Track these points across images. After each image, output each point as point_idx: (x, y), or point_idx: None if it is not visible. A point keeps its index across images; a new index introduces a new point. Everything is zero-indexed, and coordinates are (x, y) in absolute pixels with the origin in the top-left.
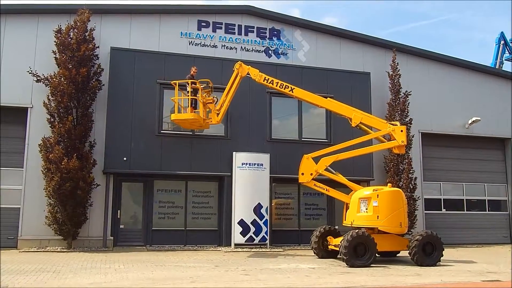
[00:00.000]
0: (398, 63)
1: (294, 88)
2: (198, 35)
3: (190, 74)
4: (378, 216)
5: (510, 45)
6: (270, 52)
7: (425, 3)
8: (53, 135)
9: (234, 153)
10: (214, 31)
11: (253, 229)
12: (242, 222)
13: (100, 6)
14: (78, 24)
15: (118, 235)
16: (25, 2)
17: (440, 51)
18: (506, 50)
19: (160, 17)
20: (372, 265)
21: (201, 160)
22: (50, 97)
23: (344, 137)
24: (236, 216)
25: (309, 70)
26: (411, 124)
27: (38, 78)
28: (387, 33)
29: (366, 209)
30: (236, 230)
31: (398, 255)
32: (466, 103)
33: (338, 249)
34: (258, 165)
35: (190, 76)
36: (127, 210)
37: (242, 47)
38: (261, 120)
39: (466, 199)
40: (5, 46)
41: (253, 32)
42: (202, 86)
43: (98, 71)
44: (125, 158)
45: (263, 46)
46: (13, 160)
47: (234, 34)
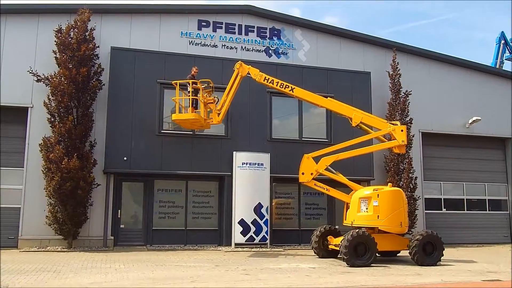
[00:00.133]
0: (398, 63)
1: (294, 87)
2: (198, 35)
3: (191, 74)
4: (378, 215)
5: (511, 44)
6: (270, 51)
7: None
8: (53, 135)
9: (234, 152)
10: (214, 31)
11: (253, 228)
12: (242, 222)
13: (100, 6)
14: (79, 23)
15: (118, 235)
16: (25, 2)
17: (440, 51)
18: (507, 50)
19: (160, 16)
20: (372, 264)
21: (201, 159)
22: (51, 96)
23: (344, 136)
24: (236, 215)
25: (309, 70)
26: (412, 123)
27: (39, 77)
28: (388, 32)
29: (367, 208)
30: (236, 229)
31: (398, 255)
32: (466, 103)
33: (338, 248)
34: (258, 164)
35: (191, 76)
36: (128, 210)
37: (242, 47)
38: (261, 119)
39: (466, 199)
40: (5, 46)
41: (253, 31)
42: (203, 86)
43: (99, 71)
44: (125, 158)
45: (264, 46)
46: (13, 160)
47: (234, 33)
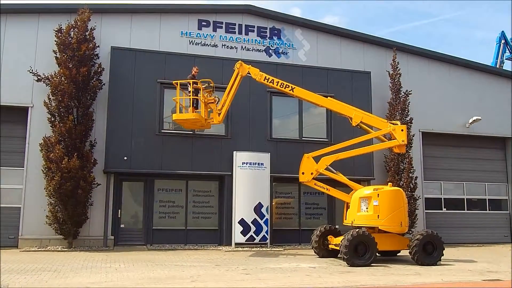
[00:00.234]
0: (398, 62)
1: (294, 87)
2: (198, 35)
3: (192, 74)
4: (378, 215)
5: (511, 44)
6: (270, 51)
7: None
8: (53, 135)
9: (234, 152)
10: (214, 31)
11: (253, 228)
12: (242, 222)
13: (100, 6)
14: (79, 23)
15: (118, 235)
16: (25, 2)
17: (440, 50)
18: (507, 49)
19: (160, 16)
20: (372, 264)
21: (201, 159)
22: (51, 96)
23: (344, 136)
24: (236, 215)
25: (309, 70)
26: (412, 123)
27: (39, 77)
28: (388, 32)
29: (367, 208)
30: (236, 229)
31: (398, 255)
32: (466, 103)
33: (338, 248)
34: (258, 164)
35: (192, 76)
36: (128, 210)
37: (242, 47)
38: (261, 119)
39: (466, 199)
40: (5, 45)
41: (253, 31)
42: (203, 86)
43: (99, 71)
44: (125, 158)
45: (264, 46)
46: (13, 159)
47: (234, 33)
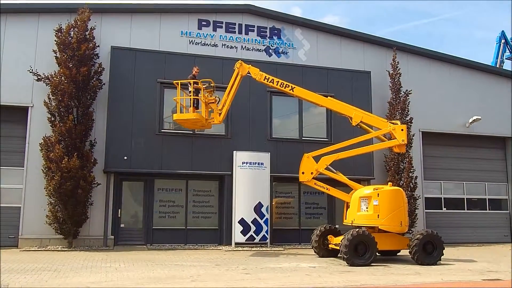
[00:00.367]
0: (398, 62)
1: (294, 87)
2: (198, 34)
3: (192, 74)
4: (378, 215)
5: (511, 43)
6: (270, 51)
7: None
8: (53, 134)
9: (234, 152)
10: (214, 30)
11: (253, 228)
12: (242, 221)
13: (100, 5)
14: (79, 23)
15: (118, 234)
16: (25, 1)
17: (441, 50)
18: (507, 49)
19: (160, 16)
20: (372, 264)
21: (201, 159)
22: (51, 96)
23: (344, 136)
24: (236, 215)
25: (309, 69)
26: (412, 123)
27: (39, 77)
28: (388, 31)
29: (367, 208)
30: (236, 229)
31: (398, 254)
32: (466, 102)
33: (338, 248)
34: (258, 164)
35: (192, 76)
36: (128, 209)
37: (242, 46)
38: (261, 119)
39: (466, 198)
40: (5, 45)
41: (253, 31)
42: (204, 86)
43: (99, 70)
44: (125, 157)
45: (264, 45)
46: (13, 159)
47: (234, 33)
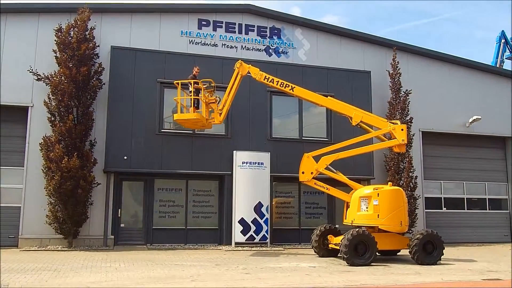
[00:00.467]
0: (398, 62)
1: (294, 87)
2: (198, 34)
3: (193, 74)
4: (378, 215)
5: (511, 43)
6: (270, 51)
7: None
8: (53, 134)
9: (234, 152)
10: (214, 30)
11: (253, 228)
12: (242, 221)
13: (100, 5)
14: (79, 23)
15: (118, 234)
16: (25, 1)
17: (441, 50)
18: (507, 49)
19: (160, 16)
20: (372, 263)
21: (201, 159)
22: (51, 96)
23: (344, 136)
24: (236, 215)
25: (309, 69)
26: (412, 122)
27: (39, 77)
28: (388, 31)
29: (367, 208)
30: (236, 229)
31: (398, 254)
32: (466, 102)
33: (338, 248)
34: (258, 164)
35: (193, 76)
36: (128, 209)
37: (242, 46)
38: (261, 119)
39: (466, 198)
40: (5, 45)
41: (253, 31)
42: (204, 86)
43: (99, 70)
44: (125, 157)
45: (264, 45)
46: (13, 159)
47: (234, 33)
